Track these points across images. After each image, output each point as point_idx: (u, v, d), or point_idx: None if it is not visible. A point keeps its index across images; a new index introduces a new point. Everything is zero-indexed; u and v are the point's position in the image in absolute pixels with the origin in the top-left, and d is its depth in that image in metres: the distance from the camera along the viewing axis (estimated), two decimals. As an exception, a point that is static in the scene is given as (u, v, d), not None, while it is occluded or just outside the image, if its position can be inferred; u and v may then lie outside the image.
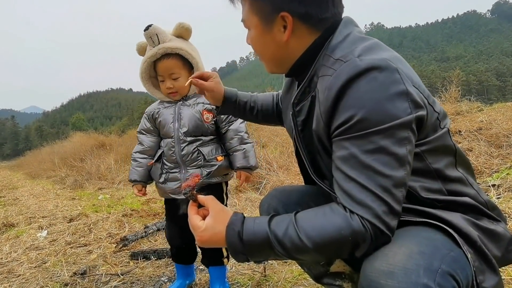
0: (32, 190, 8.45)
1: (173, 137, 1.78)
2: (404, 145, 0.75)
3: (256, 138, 6.86)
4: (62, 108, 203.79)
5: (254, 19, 0.92)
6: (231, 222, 0.85)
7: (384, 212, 0.73)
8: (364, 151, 0.75)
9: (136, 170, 1.89)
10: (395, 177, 0.74)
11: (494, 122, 4.21)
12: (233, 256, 0.86)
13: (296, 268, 2.12)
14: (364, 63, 0.76)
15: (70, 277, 2.37)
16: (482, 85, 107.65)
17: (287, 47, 0.92)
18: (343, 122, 0.77)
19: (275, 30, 0.90)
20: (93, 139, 13.69)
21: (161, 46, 1.67)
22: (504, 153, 3.56)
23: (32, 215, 4.78)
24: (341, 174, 0.78)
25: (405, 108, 0.74)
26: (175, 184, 1.80)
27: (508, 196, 2.64)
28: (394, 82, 0.75)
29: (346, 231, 0.73)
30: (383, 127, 0.73)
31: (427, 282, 0.67)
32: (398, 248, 0.72)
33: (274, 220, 0.82)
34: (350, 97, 0.76)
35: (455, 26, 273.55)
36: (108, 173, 8.55)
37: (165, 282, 2.20)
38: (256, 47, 0.97)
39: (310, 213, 0.81)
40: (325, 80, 0.83)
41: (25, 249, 3.12)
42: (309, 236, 0.76)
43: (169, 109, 1.84)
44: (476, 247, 0.78)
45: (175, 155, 1.78)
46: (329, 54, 0.87)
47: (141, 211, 4.31)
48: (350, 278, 1.24)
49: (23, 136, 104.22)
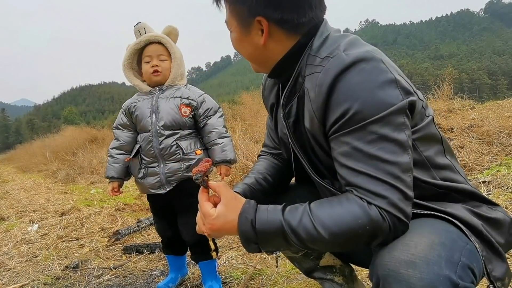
0: (23, 183, 8.36)
1: (150, 131, 1.78)
2: (402, 130, 0.76)
3: (250, 135, 6.85)
4: (53, 101, 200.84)
5: (233, 22, 0.93)
6: (243, 210, 0.82)
7: (400, 200, 0.73)
8: (366, 142, 0.75)
9: (113, 166, 1.87)
10: (401, 163, 0.74)
11: (485, 119, 4.26)
12: (245, 245, 0.83)
13: (288, 262, 2.14)
14: (350, 57, 0.77)
15: (62, 271, 2.36)
16: (474, 83, 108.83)
17: (266, 49, 0.92)
18: (339, 117, 0.77)
19: (252, 33, 0.91)
20: (85, 133, 13.55)
21: (147, 34, 1.81)
22: (495, 151, 3.61)
23: (23, 208, 4.74)
24: (347, 170, 0.77)
25: (396, 95, 0.76)
26: (153, 179, 1.79)
27: (498, 192, 2.68)
28: (381, 71, 0.77)
29: (364, 221, 0.72)
30: (380, 116, 0.74)
31: (449, 274, 0.67)
32: (419, 238, 0.72)
33: (288, 209, 0.80)
34: (342, 91, 0.77)
35: (449, 24, 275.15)
36: (101, 167, 8.46)
37: (157, 276, 2.20)
38: (237, 48, 0.99)
39: (325, 202, 0.79)
40: (314, 77, 0.83)
41: (16, 242, 3.10)
42: (325, 226, 0.74)
43: (145, 102, 1.82)
44: (482, 236, 0.79)
45: (153, 149, 1.77)
46: (314, 54, 0.87)
47: (134, 206, 4.29)
48: (341, 272, 1.25)
49: (14, 129, 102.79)
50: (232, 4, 0.92)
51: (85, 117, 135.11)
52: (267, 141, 1.27)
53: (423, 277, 0.66)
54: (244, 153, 5.41)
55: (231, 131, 6.79)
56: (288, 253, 1.26)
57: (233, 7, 0.92)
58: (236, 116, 8.43)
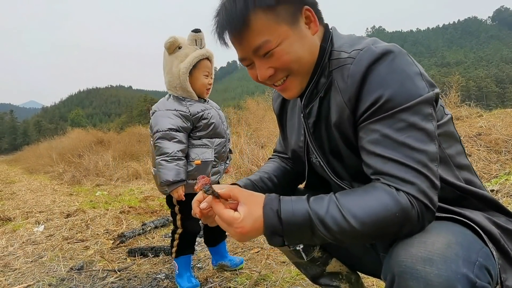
0: (29, 185, 8.43)
1: (224, 137, 2.05)
2: (430, 120, 0.77)
3: (255, 139, 6.86)
4: (61, 103, 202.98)
5: (282, 30, 0.83)
6: (267, 202, 0.78)
7: (428, 187, 0.73)
8: (396, 130, 0.76)
9: (183, 169, 1.83)
10: (429, 152, 0.75)
11: (493, 128, 4.22)
12: (269, 238, 0.79)
13: (294, 268, 2.12)
14: (380, 49, 0.80)
15: (66, 272, 2.37)
16: (481, 91, 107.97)
17: (314, 39, 0.90)
18: (370, 105, 0.78)
19: (302, 27, 0.87)
20: (91, 135, 13.67)
21: (209, 50, 2.01)
22: (503, 159, 3.58)
23: (29, 209, 4.77)
24: (375, 158, 0.77)
25: (423, 87, 0.78)
26: (216, 176, 2.02)
27: (506, 201, 2.64)
28: (409, 63, 0.79)
29: (393, 207, 0.71)
30: (410, 104, 0.75)
31: (467, 272, 0.66)
32: (436, 237, 0.71)
33: (312, 199, 0.78)
34: (374, 80, 0.78)
35: (456, 32, 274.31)
36: (106, 169, 8.53)
37: (162, 280, 2.19)
38: (294, 53, 0.86)
39: (350, 192, 0.78)
40: (345, 69, 0.84)
41: (22, 243, 3.12)
42: (354, 214, 0.72)
43: (212, 111, 2.03)
44: (499, 246, 0.78)
45: (225, 153, 2.07)
46: (338, 50, 0.88)
47: (139, 208, 4.30)
48: (347, 279, 1.24)
49: (21, 131, 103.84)
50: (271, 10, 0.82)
51: (92, 120, 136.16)
52: (278, 147, 1.28)
53: (441, 274, 0.65)
54: (249, 158, 5.41)
55: (236, 135, 6.80)
56: (294, 258, 1.25)
57: (272, 12, 0.82)
58: (241, 121, 8.46)
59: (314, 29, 0.88)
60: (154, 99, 69.36)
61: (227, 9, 0.84)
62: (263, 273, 2.09)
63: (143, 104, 60.45)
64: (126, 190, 6.12)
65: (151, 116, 1.98)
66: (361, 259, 1.17)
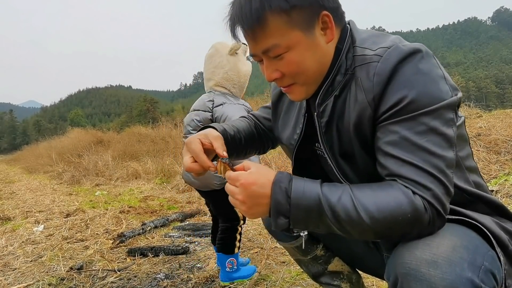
0: (29, 184, 8.42)
1: None
2: (450, 126, 0.75)
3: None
4: (60, 103, 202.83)
5: (293, 34, 0.80)
6: (277, 179, 0.77)
7: (443, 194, 0.72)
8: (415, 133, 0.74)
9: None
10: (447, 158, 0.74)
11: (493, 128, 4.23)
12: (274, 218, 0.77)
13: (294, 268, 2.12)
14: (408, 48, 0.78)
15: (66, 272, 2.36)
16: (481, 92, 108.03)
17: (328, 47, 0.85)
18: (393, 105, 0.76)
19: (317, 34, 0.82)
20: (91, 135, 13.65)
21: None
22: (503, 160, 3.58)
23: (28, 209, 4.77)
24: (392, 160, 0.76)
25: (447, 91, 0.76)
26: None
27: (506, 202, 2.65)
28: (434, 66, 0.78)
29: (406, 208, 0.70)
30: (432, 108, 0.74)
31: (472, 276, 0.65)
32: (441, 240, 0.71)
33: (325, 184, 0.77)
34: (400, 80, 0.76)
35: (456, 32, 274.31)
36: (106, 169, 8.52)
37: (162, 279, 2.19)
38: (298, 69, 0.84)
39: (366, 186, 0.76)
40: (371, 67, 0.80)
41: (21, 243, 3.11)
42: (367, 208, 0.71)
43: None
44: (507, 251, 0.77)
45: None
46: (361, 46, 0.85)
47: (139, 208, 4.30)
48: (348, 278, 1.24)
49: (21, 131, 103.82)
50: (290, 18, 0.79)
51: (91, 120, 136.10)
52: (258, 113, 1.26)
53: (445, 278, 0.64)
54: (249, 157, 5.41)
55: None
56: (296, 255, 1.25)
57: (287, 15, 0.79)
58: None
59: (329, 37, 0.84)
60: (154, 99, 69.34)
61: (241, 5, 0.81)
62: (263, 273, 2.09)
63: (143, 104, 60.40)
64: (126, 190, 6.12)
65: (213, 107, 1.96)
66: (364, 259, 1.16)
